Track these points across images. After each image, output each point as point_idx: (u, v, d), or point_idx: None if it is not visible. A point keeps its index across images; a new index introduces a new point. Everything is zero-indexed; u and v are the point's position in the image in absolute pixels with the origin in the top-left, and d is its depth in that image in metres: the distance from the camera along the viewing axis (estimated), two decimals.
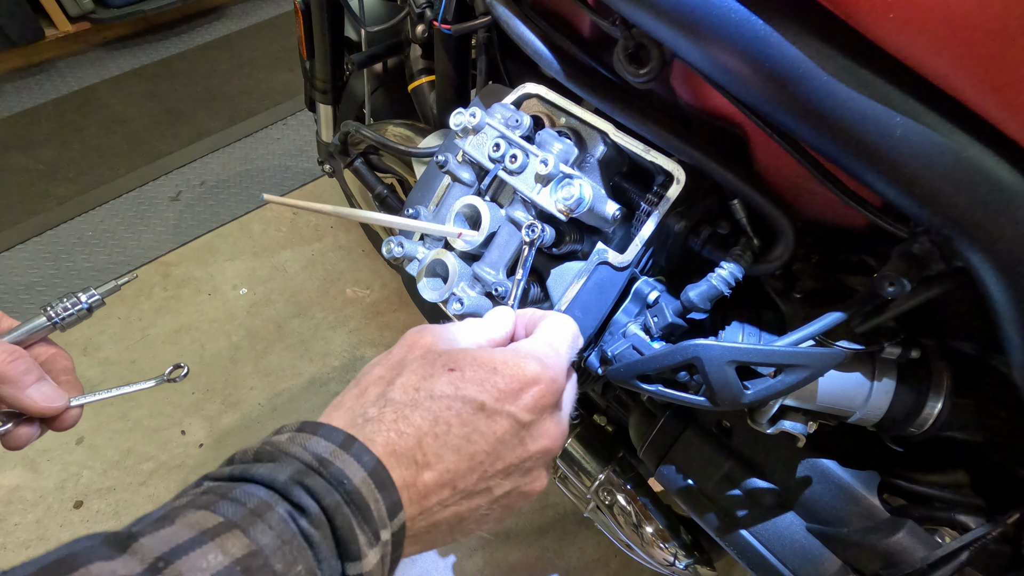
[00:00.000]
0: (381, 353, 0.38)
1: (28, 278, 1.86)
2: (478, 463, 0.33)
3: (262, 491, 0.27)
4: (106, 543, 0.24)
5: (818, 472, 0.61)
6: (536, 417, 0.35)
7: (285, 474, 0.28)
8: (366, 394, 0.35)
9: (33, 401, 0.44)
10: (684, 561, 0.83)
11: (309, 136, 2.32)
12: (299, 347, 1.70)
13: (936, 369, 0.52)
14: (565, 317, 0.42)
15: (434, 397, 0.33)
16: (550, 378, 0.36)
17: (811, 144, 0.39)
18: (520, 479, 0.36)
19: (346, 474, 0.29)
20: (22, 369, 0.43)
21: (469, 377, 0.34)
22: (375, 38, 1.11)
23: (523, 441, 0.35)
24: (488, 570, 1.32)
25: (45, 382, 0.45)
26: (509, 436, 0.34)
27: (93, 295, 0.49)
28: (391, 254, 0.53)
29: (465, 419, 0.33)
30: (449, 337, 0.38)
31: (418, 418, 0.32)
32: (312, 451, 0.29)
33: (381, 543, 0.29)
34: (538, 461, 0.37)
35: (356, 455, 0.30)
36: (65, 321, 0.48)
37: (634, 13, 0.41)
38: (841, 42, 0.35)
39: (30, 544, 1.36)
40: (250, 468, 0.28)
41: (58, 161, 2.24)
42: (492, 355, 0.36)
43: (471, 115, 0.51)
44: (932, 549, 0.51)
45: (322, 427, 0.31)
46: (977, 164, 0.34)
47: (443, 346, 0.37)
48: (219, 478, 0.29)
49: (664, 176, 0.51)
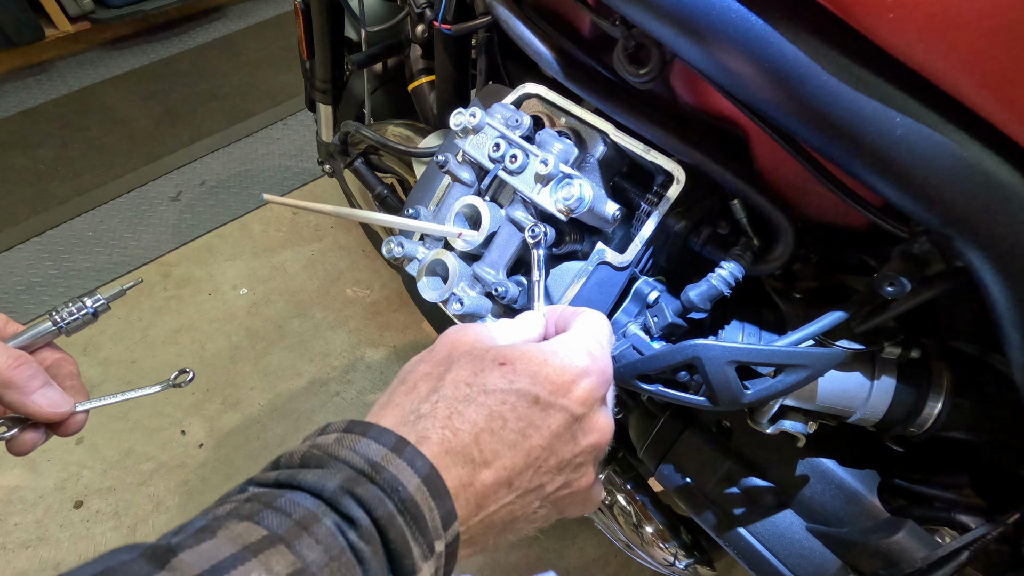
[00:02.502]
0: (420, 352, 0.38)
1: (28, 278, 1.86)
2: (534, 459, 0.32)
3: (309, 500, 0.25)
4: (144, 557, 0.22)
5: (818, 472, 0.61)
6: (588, 410, 0.35)
7: (335, 482, 0.26)
8: (416, 390, 0.33)
9: (39, 407, 0.43)
10: (684, 561, 0.83)
11: (309, 136, 2.32)
12: (299, 347, 1.70)
13: (936, 369, 0.52)
14: (599, 314, 0.41)
15: (488, 391, 0.32)
16: (599, 369, 0.35)
17: (811, 144, 0.39)
18: (571, 474, 0.35)
19: (400, 480, 0.27)
20: (28, 374, 0.43)
21: (521, 370, 0.33)
22: (375, 38, 1.11)
23: (575, 436, 0.34)
24: (488, 570, 1.32)
25: (51, 387, 0.44)
26: (563, 430, 0.33)
27: (99, 300, 0.49)
28: (391, 254, 0.53)
29: (521, 413, 0.32)
30: (489, 335, 0.38)
31: (473, 413, 0.31)
32: (363, 455, 0.28)
33: (435, 555, 0.27)
34: (589, 456, 0.36)
35: (409, 459, 0.28)
36: (70, 326, 0.47)
37: (634, 13, 0.41)
38: (841, 42, 0.35)
39: (30, 544, 1.35)
40: (297, 474, 0.27)
41: (58, 161, 2.24)
42: (541, 348, 0.35)
43: (471, 115, 0.51)
44: (932, 549, 0.51)
45: (372, 428, 0.29)
46: (977, 164, 0.34)
47: (487, 343, 0.36)
48: (264, 483, 0.27)
49: (664, 176, 0.51)
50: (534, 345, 0.36)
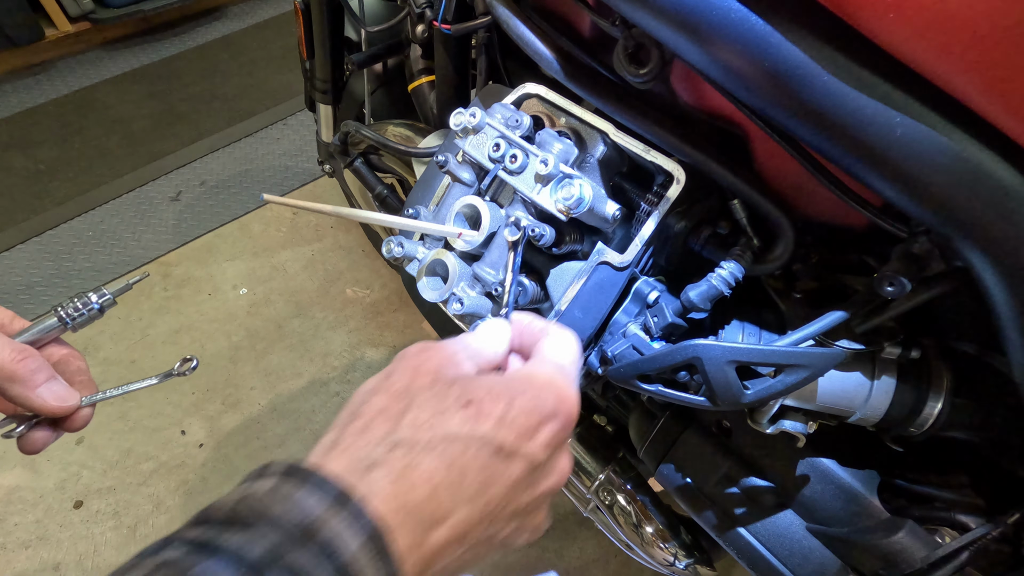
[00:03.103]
0: (377, 370, 0.34)
1: (28, 278, 1.86)
2: (489, 512, 0.30)
3: (229, 572, 0.22)
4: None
5: (818, 472, 0.61)
6: (550, 455, 0.33)
7: (261, 547, 0.23)
8: (369, 431, 0.30)
9: (44, 400, 0.43)
10: (684, 561, 0.83)
11: (309, 136, 2.32)
12: (299, 347, 1.70)
13: (936, 369, 0.52)
14: (568, 333, 0.39)
15: (449, 439, 0.29)
16: (567, 412, 0.34)
17: (811, 144, 0.39)
18: (525, 519, 0.33)
19: (337, 543, 0.24)
20: (32, 368, 0.42)
21: (487, 412, 0.31)
22: (375, 38, 1.11)
23: (534, 482, 0.33)
24: (488, 570, 1.32)
25: (56, 381, 0.44)
26: (523, 477, 0.31)
27: (105, 295, 0.48)
28: (391, 254, 0.53)
29: (483, 463, 0.30)
30: (453, 359, 0.35)
31: (431, 464, 0.28)
32: (299, 510, 0.25)
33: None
34: (545, 499, 0.34)
35: (352, 516, 0.25)
36: (76, 321, 0.47)
37: (634, 13, 0.41)
38: (841, 42, 0.35)
39: (30, 544, 1.35)
40: (219, 536, 0.24)
41: (58, 161, 2.24)
42: (508, 386, 0.33)
43: (471, 115, 0.51)
44: (932, 549, 0.51)
45: (312, 476, 0.26)
46: (977, 164, 0.34)
47: (451, 372, 0.33)
48: (185, 541, 0.24)
49: (664, 176, 0.51)
50: (502, 381, 0.33)
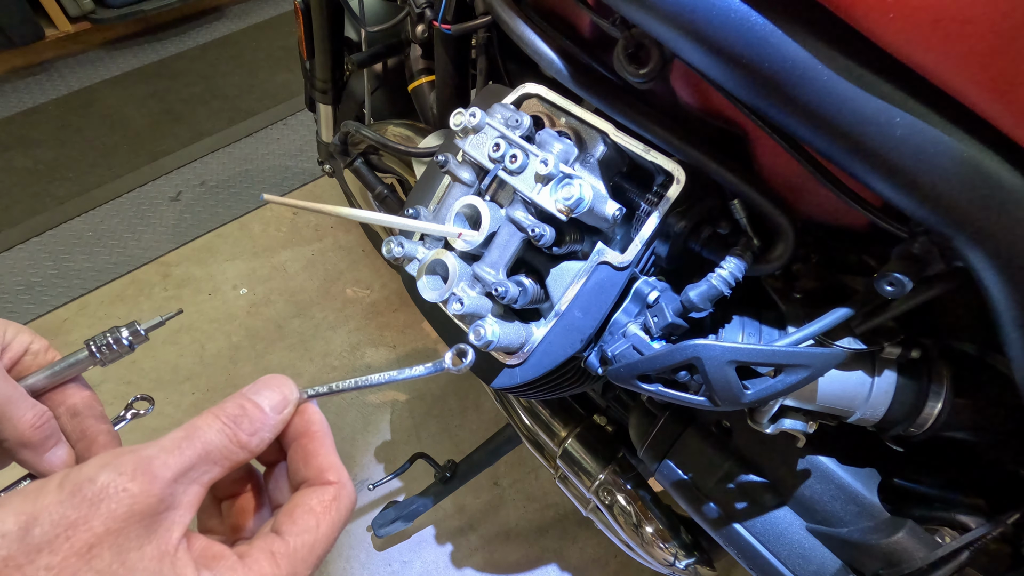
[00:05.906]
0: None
1: (28, 278, 1.86)
2: None
3: None
4: None
5: (818, 472, 0.61)
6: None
7: None
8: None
9: (50, 466, 0.43)
10: (684, 561, 0.83)
11: (309, 136, 2.32)
12: (299, 347, 1.70)
13: (936, 369, 0.52)
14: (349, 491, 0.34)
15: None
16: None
17: (811, 144, 0.39)
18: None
19: None
20: (47, 434, 0.42)
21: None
22: (375, 38, 1.11)
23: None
24: (488, 570, 1.32)
25: (62, 445, 0.44)
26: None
27: (137, 331, 0.47)
28: (391, 254, 0.53)
29: None
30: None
31: None
32: None
33: None
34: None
35: None
36: (107, 357, 0.46)
37: (634, 13, 0.41)
38: (841, 42, 0.35)
39: None
40: None
41: (58, 161, 2.24)
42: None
43: (471, 115, 0.51)
44: (932, 549, 0.52)
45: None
46: (977, 164, 0.34)
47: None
48: None
49: (664, 176, 0.51)
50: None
